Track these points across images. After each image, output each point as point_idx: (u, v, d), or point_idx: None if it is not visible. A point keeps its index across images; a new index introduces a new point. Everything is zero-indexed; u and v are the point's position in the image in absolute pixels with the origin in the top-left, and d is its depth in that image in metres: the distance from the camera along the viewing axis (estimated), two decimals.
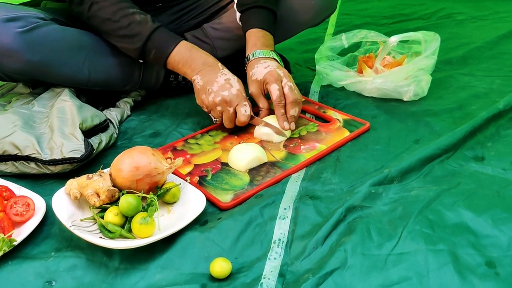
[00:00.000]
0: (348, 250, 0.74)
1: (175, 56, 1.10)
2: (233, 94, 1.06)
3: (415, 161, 0.95)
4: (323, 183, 0.93)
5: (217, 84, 1.07)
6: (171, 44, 1.11)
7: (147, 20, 1.11)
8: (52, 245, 0.81)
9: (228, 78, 1.08)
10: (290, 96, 1.07)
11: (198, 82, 1.09)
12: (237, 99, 1.07)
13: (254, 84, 1.11)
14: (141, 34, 1.10)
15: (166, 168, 0.86)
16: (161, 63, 1.12)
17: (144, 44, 1.10)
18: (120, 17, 1.10)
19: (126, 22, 1.10)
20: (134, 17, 1.10)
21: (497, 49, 1.62)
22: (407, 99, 1.24)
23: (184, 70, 1.11)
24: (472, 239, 0.76)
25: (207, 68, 1.09)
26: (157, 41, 1.10)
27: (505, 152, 0.99)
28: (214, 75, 1.08)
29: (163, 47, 1.11)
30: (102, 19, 1.11)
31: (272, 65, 1.10)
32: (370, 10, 2.28)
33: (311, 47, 1.77)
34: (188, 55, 1.10)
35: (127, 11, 1.11)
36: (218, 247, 0.78)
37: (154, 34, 1.10)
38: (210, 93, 1.07)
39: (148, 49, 1.11)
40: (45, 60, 1.08)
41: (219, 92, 1.06)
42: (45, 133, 1.00)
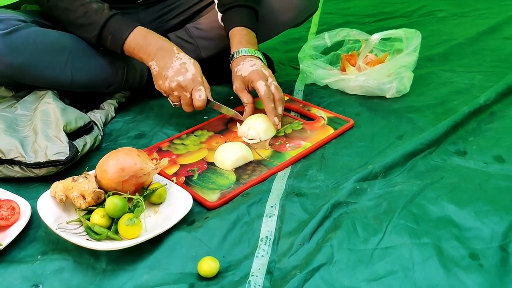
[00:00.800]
0: (334, 245, 0.75)
1: (130, 42, 1.11)
2: (188, 79, 1.07)
3: (398, 156, 0.96)
4: (308, 180, 0.94)
5: (172, 70, 1.07)
6: (126, 31, 1.11)
7: (103, 8, 1.12)
8: (38, 248, 0.80)
9: (183, 62, 1.08)
10: (277, 94, 1.09)
11: (154, 68, 1.10)
12: (192, 83, 1.07)
13: (238, 80, 1.12)
14: (97, 22, 1.11)
15: (152, 169, 0.86)
16: (118, 49, 1.13)
17: (100, 32, 1.11)
18: (77, 6, 1.11)
19: (83, 11, 1.11)
20: (91, 6, 1.11)
21: (478, 45, 1.64)
22: (389, 96, 1.25)
23: (140, 55, 1.12)
24: (456, 232, 0.77)
25: (162, 52, 1.09)
26: (112, 28, 1.11)
27: (487, 146, 1.01)
28: (169, 59, 1.08)
29: (118, 34, 1.11)
30: (61, 9, 1.12)
31: (258, 64, 1.11)
32: (352, 9, 2.30)
33: (295, 46, 1.78)
34: (143, 41, 1.11)
35: (84, 0, 1.11)
36: (205, 246, 0.78)
37: (109, 21, 1.11)
38: (166, 78, 1.08)
39: (105, 37, 1.12)
40: (27, 62, 1.07)
41: (174, 77, 1.07)
42: (29, 136, 0.99)
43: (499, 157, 0.97)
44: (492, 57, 1.52)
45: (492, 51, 1.58)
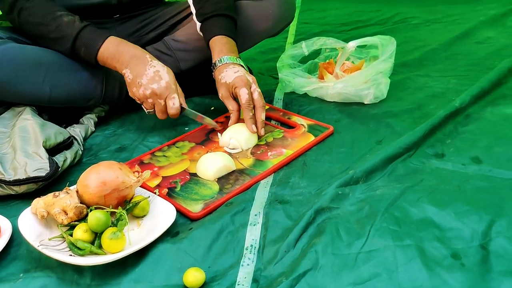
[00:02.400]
0: (319, 251, 0.76)
1: (103, 52, 1.11)
2: (162, 87, 1.08)
3: (378, 161, 0.97)
4: (291, 188, 0.94)
5: (146, 77, 1.08)
6: (99, 41, 1.11)
7: (74, 20, 1.12)
8: (20, 266, 0.79)
9: (157, 70, 1.09)
10: (259, 102, 1.10)
11: (128, 75, 1.10)
12: (166, 91, 1.08)
13: (223, 87, 1.12)
14: (69, 34, 1.11)
15: (134, 182, 0.86)
16: (92, 60, 1.13)
17: (73, 44, 1.11)
18: (49, 20, 1.11)
19: (55, 25, 1.11)
20: (62, 19, 1.11)
21: (451, 51, 1.68)
22: (367, 102, 1.27)
23: (114, 64, 1.12)
24: (437, 233, 0.78)
25: (135, 60, 1.10)
26: (85, 39, 1.11)
27: (464, 148, 1.03)
28: (143, 67, 1.09)
29: (91, 45, 1.11)
30: (33, 24, 1.13)
31: (241, 71, 1.12)
32: (328, 18, 2.33)
33: (273, 56, 1.79)
34: (116, 50, 1.11)
35: (55, 14, 1.12)
36: (190, 257, 0.78)
37: (81, 33, 1.11)
38: (140, 86, 1.08)
39: (78, 48, 1.12)
40: (4, 79, 1.06)
41: (148, 85, 1.08)
42: (8, 153, 0.98)
43: (476, 158, 0.99)
44: (465, 62, 1.56)
45: (465, 56, 1.61)
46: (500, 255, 0.73)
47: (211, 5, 1.20)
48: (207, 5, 1.21)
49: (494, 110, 1.18)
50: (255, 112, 1.10)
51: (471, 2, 2.35)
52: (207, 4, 1.21)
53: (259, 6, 1.30)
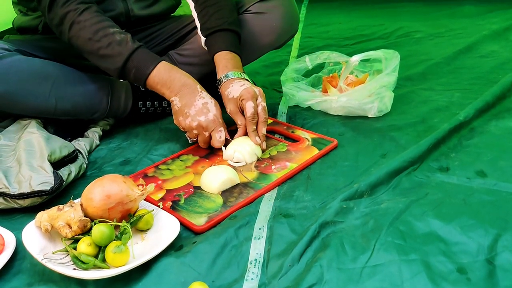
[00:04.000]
0: (323, 265, 0.75)
1: (154, 77, 1.11)
2: (209, 120, 1.08)
3: (383, 174, 0.97)
4: (295, 201, 0.94)
5: (194, 108, 1.08)
6: (151, 65, 1.11)
7: (127, 40, 1.11)
8: (24, 280, 0.79)
9: (205, 102, 1.10)
10: (262, 116, 1.11)
11: (176, 103, 1.10)
12: (213, 125, 1.09)
13: (231, 103, 1.13)
14: (122, 54, 1.10)
15: (138, 195, 0.86)
16: (141, 83, 1.13)
17: (124, 64, 1.10)
18: (101, 36, 1.10)
19: (107, 42, 1.10)
20: (114, 37, 1.10)
21: (455, 64, 1.68)
22: (371, 115, 1.27)
23: (163, 91, 1.12)
24: (443, 247, 0.78)
25: (185, 90, 1.10)
26: (136, 61, 1.10)
27: (468, 161, 1.03)
28: (192, 98, 1.09)
29: (142, 68, 1.11)
30: (83, 39, 1.10)
31: (247, 84, 1.13)
32: (332, 32, 2.35)
33: (276, 70, 1.80)
34: (167, 76, 1.11)
35: (108, 31, 1.10)
36: (194, 271, 0.77)
37: (134, 54, 1.10)
38: (187, 116, 1.09)
39: (128, 69, 1.11)
40: (10, 90, 1.07)
41: (196, 117, 1.08)
42: (13, 167, 0.98)
43: (481, 171, 0.99)
44: (469, 75, 1.56)
45: (469, 69, 1.62)
46: (506, 269, 0.72)
47: (216, 19, 1.21)
48: (212, 19, 1.22)
49: (498, 124, 1.18)
50: (257, 125, 1.11)
51: (474, 16, 2.36)
52: (211, 19, 1.22)
53: (263, 19, 1.31)
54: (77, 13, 1.09)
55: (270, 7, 1.32)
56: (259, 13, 1.32)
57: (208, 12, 1.23)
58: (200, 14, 1.25)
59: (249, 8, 1.33)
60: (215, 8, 1.23)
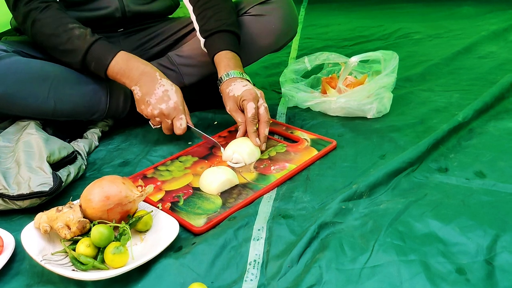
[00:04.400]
0: (323, 266, 0.75)
1: (113, 67, 1.13)
2: (170, 108, 1.11)
3: (382, 175, 0.97)
4: (295, 202, 0.94)
5: (155, 97, 1.11)
6: (109, 56, 1.13)
7: (86, 34, 1.14)
8: (23, 282, 0.79)
9: (166, 89, 1.11)
10: (265, 116, 1.11)
11: (137, 92, 1.12)
12: (174, 112, 1.11)
13: (231, 100, 1.13)
14: (80, 47, 1.13)
15: (137, 196, 0.86)
16: (102, 74, 1.15)
17: (83, 57, 1.13)
18: (60, 32, 1.13)
19: (66, 37, 1.13)
20: (73, 32, 1.13)
21: (454, 65, 1.68)
22: (370, 116, 1.27)
23: (123, 80, 1.14)
24: (442, 248, 0.78)
25: (145, 78, 1.12)
26: (95, 53, 1.13)
27: (467, 162, 1.03)
28: (152, 86, 1.11)
29: (101, 59, 1.13)
30: (45, 35, 1.14)
31: (250, 85, 1.13)
32: (331, 33, 2.35)
33: (276, 71, 1.80)
34: (126, 66, 1.13)
35: (67, 26, 1.14)
36: (193, 272, 0.77)
37: (92, 46, 1.13)
38: (148, 104, 1.11)
39: (88, 62, 1.14)
40: (8, 91, 1.07)
41: (157, 105, 1.10)
42: (12, 168, 0.98)
43: (480, 172, 0.99)
44: (468, 76, 1.56)
45: (468, 70, 1.62)
46: (505, 270, 0.72)
47: (215, 21, 1.21)
48: (211, 21, 1.22)
49: (497, 124, 1.18)
50: (259, 126, 1.11)
51: (472, 17, 2.37)
52: (210, 21, 1.22)
53: (262, 22, 1.31)
54: (38, 11, 1.13)
55: (269, 9, 1.32)
56: (258, 15, 1.32)
57: (207, 14, 1.23)
58: (199, 16, 1.25)
59: (248, 10, 1.33)
60: (213, 10, 1.23)
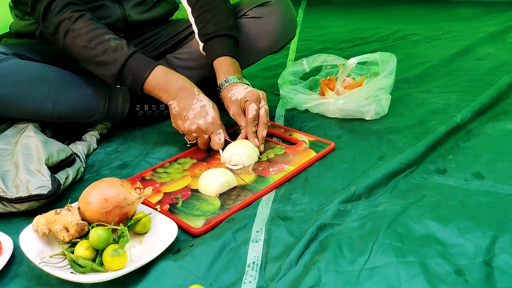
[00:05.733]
0: (321, 268, 0.75)
1: (151, 82, 1.10)
2: (208, 123, 1.08)
3: (380, 177, 0.97)
4: (293, 204, 0.94)
5: (192, 112, 1.08)
6: (147, 69, 1.11)
7: (122, 46, 1.11)
8: (21, 284, 0.78)
9: (203, 104, 1.09)
10: (264, 119, 1.11)
11: (175, 107, 1.10)
12: (212, 127, 1.09)
13: (234, 104, 1.13)
14: (117, 60, 1.09)
15: (136, 198, 0.86)
16: (138, 88, 1.12)
17: (120, 70, 1.10)
18: (96, 44, 1.09)
19: (102, 48, 1.09)
20: (110, 44, 1.10)
21: (452, 67, 1.69)
22: (369, 118, 1.27)
23: (160, 95, 1.11)
24: (440, 249, 0.78)
25: (183, 93, 1.10)
26: (133, 66, 1.10)
27: (466, 163, 1.03)
28: (190, 101, 1.09)
29: (139, 73, 1.10)
30: (78, 46, 1.10)
31: (250, 87, 1.13)
32: (329, 35, 2.35)
33: (274, 73, 1.80)
34: (164, 80, 1.10)
35: (103, 38, 1.10)
36: (192, 274, 0.77)
37: (130, 59, 1.10)
38: (186, 119, 1.08)
39: (125, 75, 1.11)
40: (7, 93, 1.07)
41: (194, 120, 1.08)
42: (10, 171, 0.98)
43: (478, 173, 0.99)
44: (466, 78, 1.57)
45: (465, 72, 1.62)
46: (504, 271, 0.72)
47: (213, 25, 1.22)
48: (209, 25, 1.22)
49: (495, 126, 1.18)
50: (257, 128, 1.11)
51: (470, 19, 2.38)
52: (208, 25, 1.22)
53: (261, 24, 1.32)
54: (72, 21, 1.09)
55: (267, 11, 1.32)
56: (256, 17, 1.32)
57: (205, 17, 1.24)
58: (197, 19, 1.26)
59: (247, 12, 1.33)
60: (212, 13, 1.23)
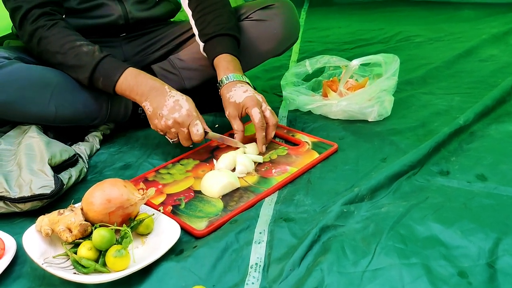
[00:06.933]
0: (324, 269, 0.75)
1: (121, 84, 1.11)
2: (183, 115, 1.07)
3: (383, 178, 0.97)
4: (296, 205, 0.94)
5: (166, 108, 1.07)
6: (118, 72, 1.11)
7: (94, 50, 1.13)
8: (24, 285, 0.79)
9: (176, 99, 1.08)
10: (273, 119, 1.11)
11: (148, 108, 1.10)
12: (188, 119, 1.07)
13: (231, 106, 1.12)
14: (88, 64, 1.11)
15: (139, 199, 0.86)
16: (110, 91, 1.13)
17: (91, 74, 1.11)
18: (67, 49, 1.12)
19: (73, 53, 1.12)
20: (81, 49, 1.12)
21: (455, 68, 1.69)
22: (371, 119, 1.27)
23: (133, 96, 1.12)
24: (443, 251, 0.78)
25: (154, 92, 1.10)
26: (103, 70, 1.12)
27: (469, 165, 1.03)
28: (162, 98, 1.09)
29: (109, 76, 1.11)
30: (51, 52, 1.13)
31: (250, 90, 1.13)
32: (331, 36, 2.35)
33: (277, 74, 1.80)
34: (134, 82, 1.11)
35: (74, 44, 1.13)
36: (195, 275, 0.77)
37: (100, 63, 1.11)
38: (161, 117, 1.08)
39: (96, 78, 1.12)
40: (10, 99, 1.07)
41: (169, 115, 1.07)
42: (13, 171, 0.98)
43: (481, 175, 0.99)
44: (469, 79, 1.56)
45: (468, 73, 1.62)
46: (507, 273, 0.72)
47: (214, 25, 1.22)
48: (210, 26, 1.22)
49: (498, 128, 1.18)
50: (266, 129, 1.11)
51: (473, 21, 2.37)
52: (209, 25, 1.23)
53: (264, 26, 1.31)
54: (45, 29, 1.12)
55: (271, 14, 1.32)
56: (260, 20, 1.32)
57: (206, 19, 1.24)
58: (198, 21, 1.26)
59: (250, 15, 1.33)
60: (212, 15, 1.24)
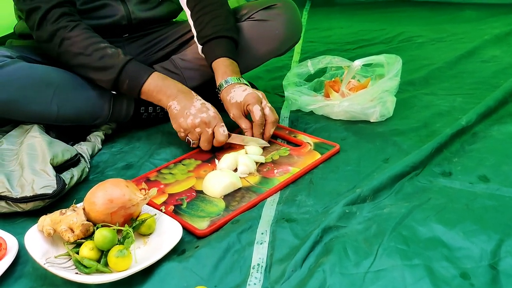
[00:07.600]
0: (326, 270, 0.75)
1: (149, 85, 1.13)
2: (211, 116, 1.10)
3: (385, 179, 0.97)
4: (298, 206, 0.94)
5: (194, 108, 1.10)
6: (145, 74, 1.14)
7: (119, 53, 1.14)
8: (26, 285, 0.78)
9: (203, 103, 1.12)
10: (272, 116, 1.13)
11: (175, 107, 1.11)
12: (215, 120, 1.10)
13: (234, 107, 1.14)
14: (115, 66, 1.12)
15: (141, 199, 0.86)
16: (135, 92, 1.14)
17: (118, 75, 1.13)
18: (92, 50, 1.13)
19: (99, 55, 1.13)
20: (106, 51, 1.13)
21: (457, 69, 1.69)
22: (374, 120, 1.27)
23: (159, 97, 1.13)
24: (446, 252, 0.78)
25: (182, 94, 1.13)
26: (130, 72, 1.13)
27: (471, 166, 1.03)
28: (190, 100, 1.12)
29: (136, 77, 1.13)
30: (74, 53, 1.13)
31: (249, 88, 1.14)
32: (333, 37, 2.35)
33: (278, 74, 1.80)
34: (162, 84, 1.13)
35: (99, 46, 1.14)
36: (197, 276, 0.77)
37: (127, 65, 1.13)
38: (188, 116, 1.10)
39: (122, 80, 1.13)
40: (12, 98, 1.07)
41: (197, 114, 1.09)
42: (15, 171, 0.98)
43: (483, 176, 0.98)
44: (471, 80, 1.56)
45: (471, 74, 1.62)
46: (510, 275, 0.72)
47: (211, 27, 1.23)
48: (207, 27, 1.23)
49: (501, 129, 1.18)
50: (265, 126, 1.13)
51: (475, 21, 2.37)
52: (207, 27, 1.23)
53: (266, 26, 1.32)
54: (68, 30, 1.13)
55: (273, 14, 1.32)
56: (262, 20, 1.32)
57: (204, 20, 1.25)
58: (196, 22, 1.27)
59: (252, 15, 1.33)
60: (210, 16, 1.24)
